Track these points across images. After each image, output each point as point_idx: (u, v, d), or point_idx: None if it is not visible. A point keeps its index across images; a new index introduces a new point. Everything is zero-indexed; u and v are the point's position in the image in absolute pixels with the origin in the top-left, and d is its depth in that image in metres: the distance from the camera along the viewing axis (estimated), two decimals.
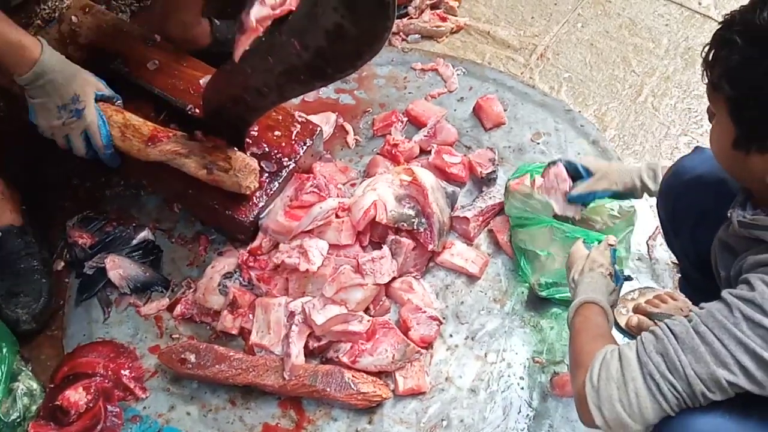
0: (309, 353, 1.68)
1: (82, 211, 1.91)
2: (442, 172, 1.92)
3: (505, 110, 2.10)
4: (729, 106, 1.07)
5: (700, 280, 1.48)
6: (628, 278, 1.57)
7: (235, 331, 1.72)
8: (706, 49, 1.11)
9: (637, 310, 1.70)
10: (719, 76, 1.07)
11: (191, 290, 1.79)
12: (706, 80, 1.11)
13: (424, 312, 1.71)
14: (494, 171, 1.92)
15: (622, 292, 1.75)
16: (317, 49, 1.30)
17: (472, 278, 1.82)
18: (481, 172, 1.92)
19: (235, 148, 1.68)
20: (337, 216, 1.75)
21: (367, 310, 1.73)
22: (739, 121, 1.07)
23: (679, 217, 1.46)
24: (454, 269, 1.82)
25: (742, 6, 1.08)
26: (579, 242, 1.55)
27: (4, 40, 1.48)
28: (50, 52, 1.54)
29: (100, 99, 1.64)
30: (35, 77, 1.52)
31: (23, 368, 1.68)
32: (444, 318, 1.75)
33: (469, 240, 1.86)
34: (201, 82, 1.84)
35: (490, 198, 1.88)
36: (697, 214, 1.41)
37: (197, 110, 1.79)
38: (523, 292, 1.80)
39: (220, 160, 1.65)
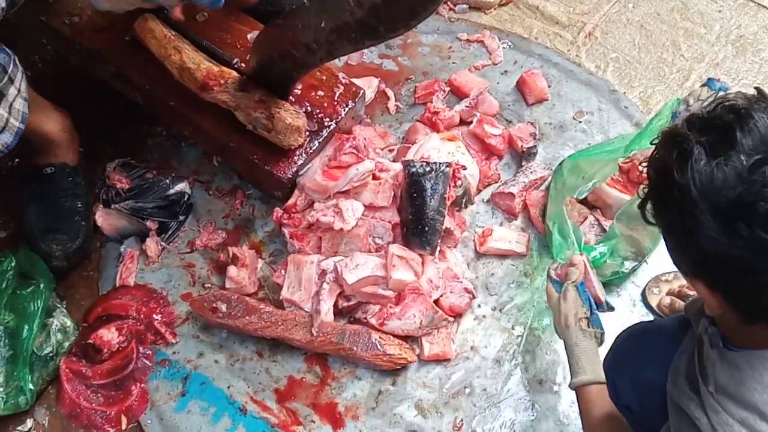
0: (338, 313, 1.70)
1: (123, 158, 1.94)
2: (481, 142, 1.92)
3: (549, 86, 2.07)
4: None
5: None
6: (609, 308, 1.54)
7: None
8: None
9: (671, 292, 1.69)
10: None
11: None
12: None
13: (460, 282, 1.71)
14: (535, 146, 1.91)
15: (658, 272, 1.74)
16: (371, 7, 1.29)
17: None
18: (522, 146, 1.90)
19: (281, 105, 1.68)
20: (374, 177, 1.75)
21: None
22: None
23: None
24: (502, 254, 1.81)
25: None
26: (548, 285, 1.53)
27: None
28: None
29: None
30: None
31: (58, 305, 1.72)
32: (474, 288, 1.75)
33: (513, 215, 1.86)
34: (248, 36, 1.84)
35: (532, 173, 1.87)
36: None
37: (243, 65, 1.79)
38: None
39: (264, 119, 1.66)
